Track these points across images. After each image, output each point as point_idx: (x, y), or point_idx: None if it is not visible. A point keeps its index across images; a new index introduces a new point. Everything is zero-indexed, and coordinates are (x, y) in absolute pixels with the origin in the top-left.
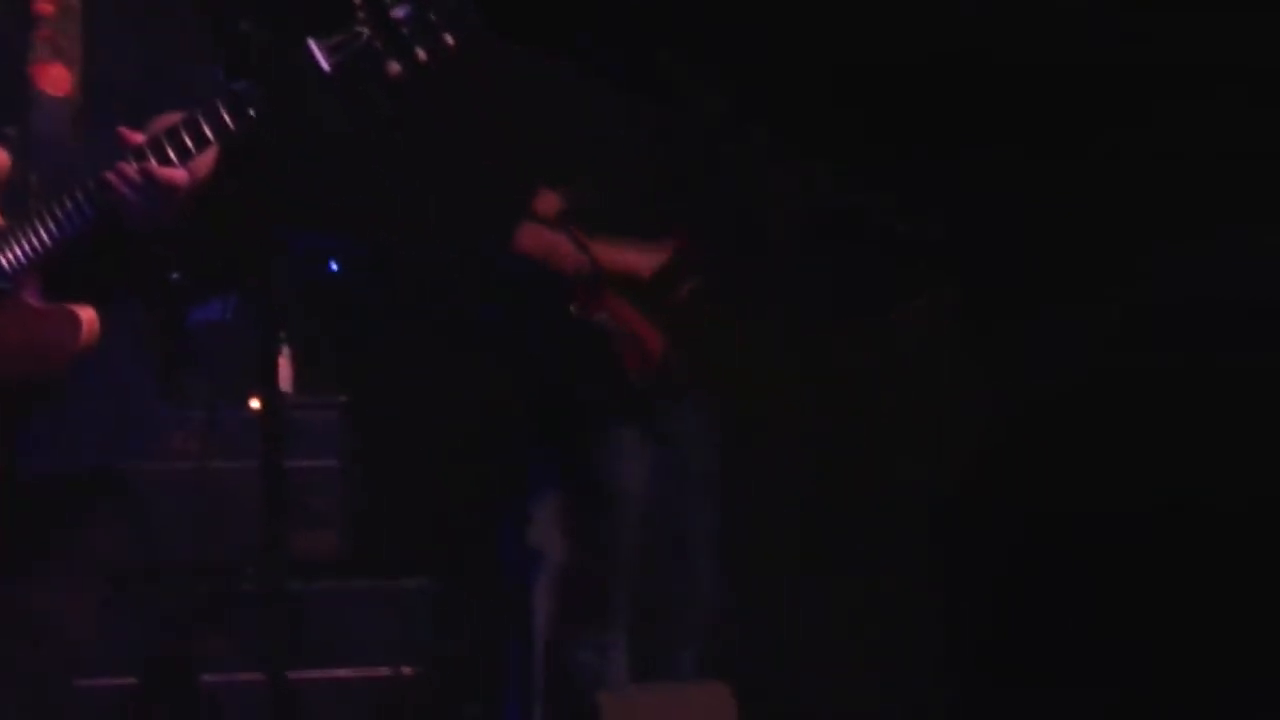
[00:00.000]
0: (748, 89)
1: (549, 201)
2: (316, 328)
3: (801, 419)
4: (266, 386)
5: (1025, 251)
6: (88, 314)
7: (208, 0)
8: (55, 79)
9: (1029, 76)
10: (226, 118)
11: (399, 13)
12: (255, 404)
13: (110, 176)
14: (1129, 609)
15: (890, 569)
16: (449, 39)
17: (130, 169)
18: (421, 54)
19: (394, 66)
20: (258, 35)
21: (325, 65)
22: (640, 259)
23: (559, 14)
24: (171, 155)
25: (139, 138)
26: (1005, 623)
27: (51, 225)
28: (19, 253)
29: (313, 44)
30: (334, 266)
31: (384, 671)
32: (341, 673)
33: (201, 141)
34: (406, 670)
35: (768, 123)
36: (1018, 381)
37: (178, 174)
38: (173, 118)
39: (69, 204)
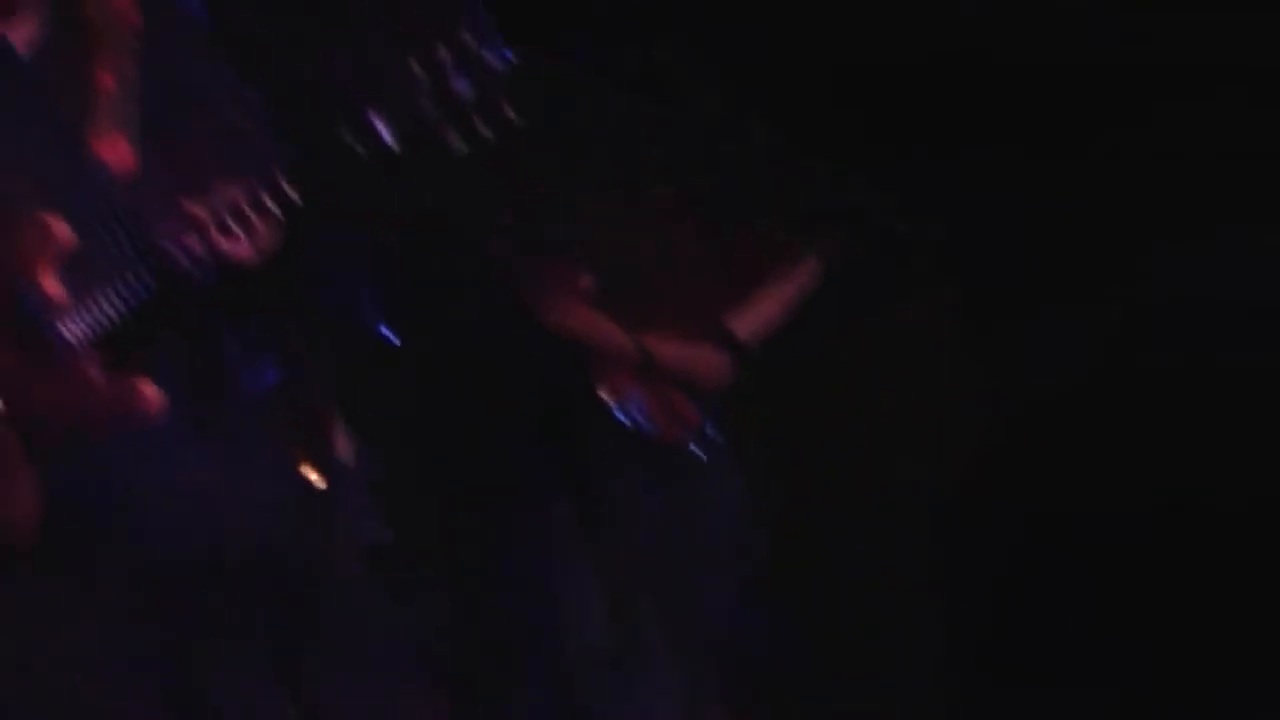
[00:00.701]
0: (748, 89)
1: (587, 280)
2: (369, 395)
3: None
4: (321, 455)
5: (1025, 251)
6: (150, 389)
7: (265, 66)
8: (117, 152)
9: (1029, 76)
10: (289, 190)
11: (461, 86)
12: (313, 476)
13: (173, 250)
14: (1129, 609)
15: (891, 569)
16: (511, 113)
17: (194, 243)
18: (483, 128)
19: (454, 140)
20: (318, 105)
21: (388, 139)
22: (682, 348)
23: (560, 14)
24: (233, 228)
25: (201, 211)
26: (1005, 623)
27: (114, 297)
28: (80, 322)
29: (374, 115)
30: (386, 333)
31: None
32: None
33: (264, 214)
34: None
35: (768, 123)
36: (1018, 381)
37: (241, 248)
38: (231, 187)
39: (130, 276)
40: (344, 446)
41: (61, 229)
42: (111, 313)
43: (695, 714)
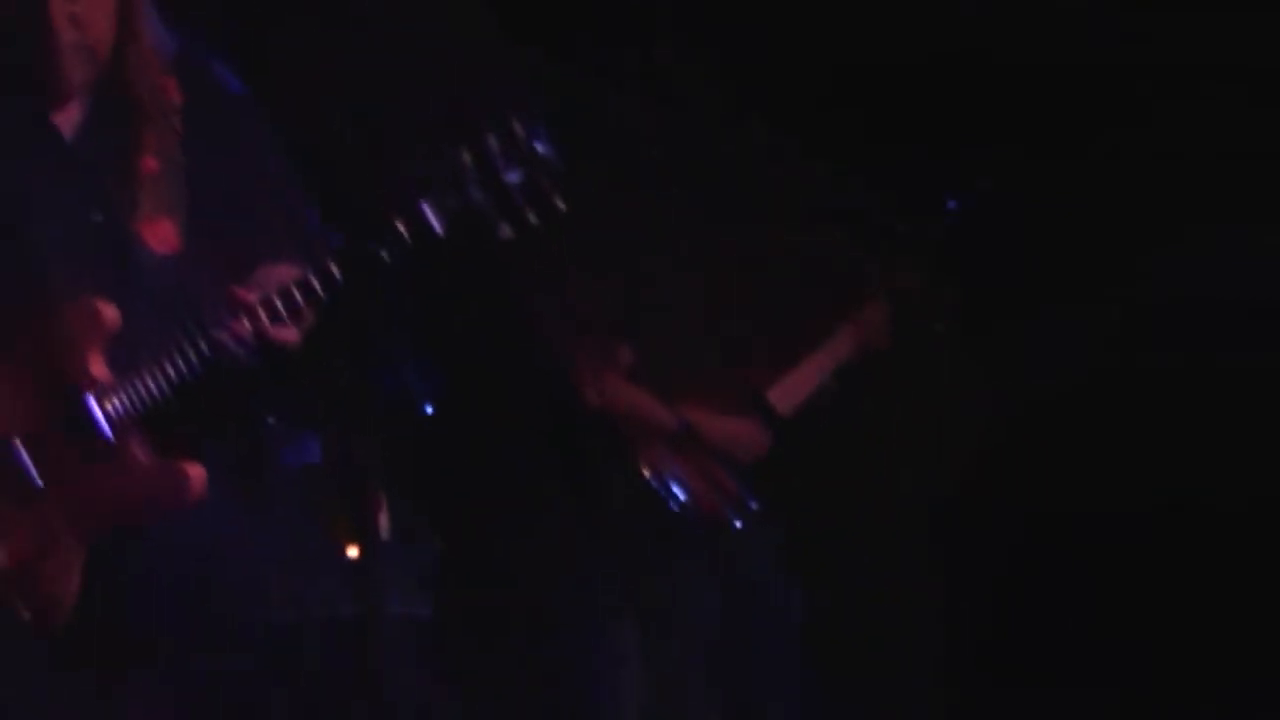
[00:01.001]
0: (748, 89)
1: (626, 355)
2: (410, 470)
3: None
4: (363, 531)
5: (1025, 251)
6: (197, 472)
7: (309, 152)
8: (161, 235)
9: (1029, 76)
10: (340, 277)
11: (512, 177)
12: (353, 551)
13: (222, 335)
14: (1129, 609)
15: (891, 569)
16: (560, 204)
17: (244, 329)
18: (532, 218)
19: (504, 230)
20: (367, 191)
21: (438, 227)
22: (722, 421)
23: (560, 14)
24: (283, 314)
25: (251, 296)
26: (1005, 623)
27: (160, 378)
28: (126, 404)
29: (425, 205)
30: (428, 408)
31: None
32: None
33: (314, 300)
34: None
35: (768, 123)
36: (1018, 381)
37: (290, 334)
38: (280, 273)
39: (177, 358)
40: (385, 522)
41: (109, 312)
42: (157, 393)
43: None
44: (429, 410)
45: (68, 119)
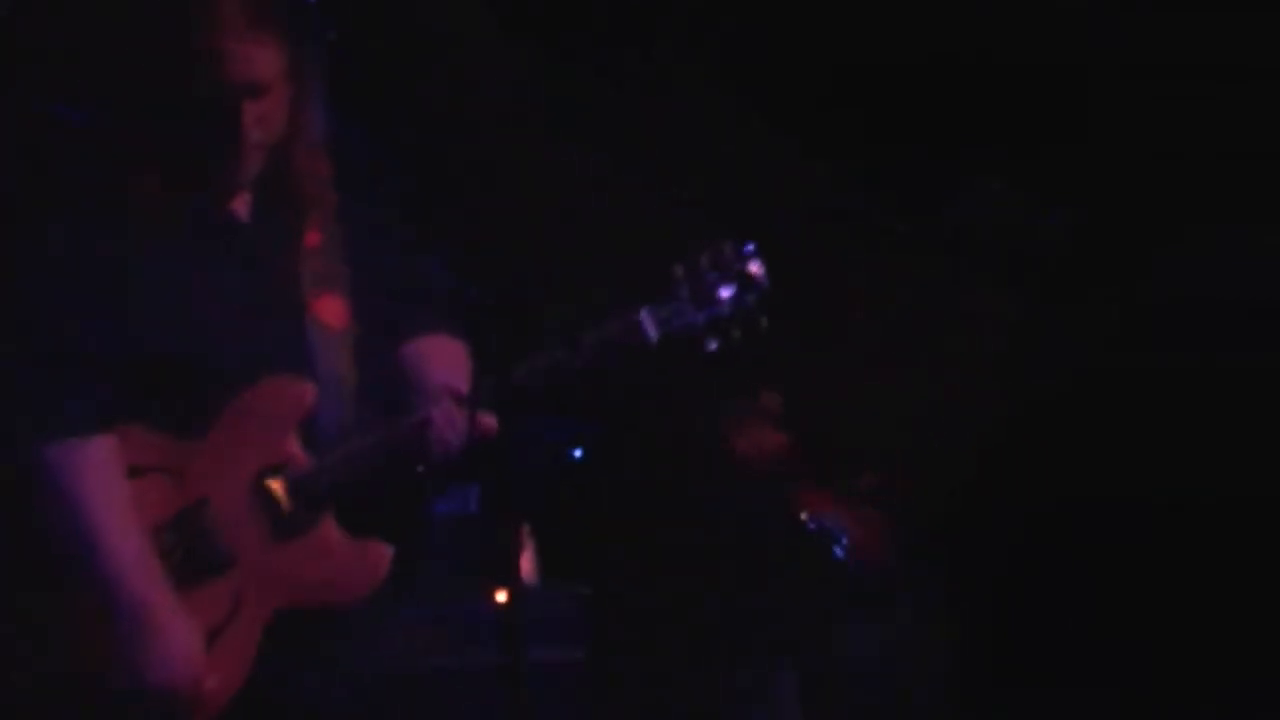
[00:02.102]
0: (748, 89)
1: (773, 400)
2: (559, 516)
3: None
4: (510, 578)
5: (1025, 251)
6: (388, 551)
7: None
8: (332, 311)
9: (1029, 76)
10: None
11: (724, 293)
12: (501, 597)
13: (438, 418)
14: (1129, 609)
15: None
16: (764, 322)
17: (459, 415)
18: (738, 335)
19: (711, 344)
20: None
21: (652, 336)
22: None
23: (561, 14)
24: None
25: (463, 388)
26: (1006, 623)
27: (357, 458)
28: (323, 485)
29: (645, 313)
30: (577, 454)
31: None
32: None
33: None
34: None
35: (768, 123)
36: (1018, 381)
37: (491, 422)
38: (440, 343)
39: (375, 439)
40: (529, 568)
41: (306, 390)
42: (355, 472)
43: None
44: (579, 456)
45: (243, 205)
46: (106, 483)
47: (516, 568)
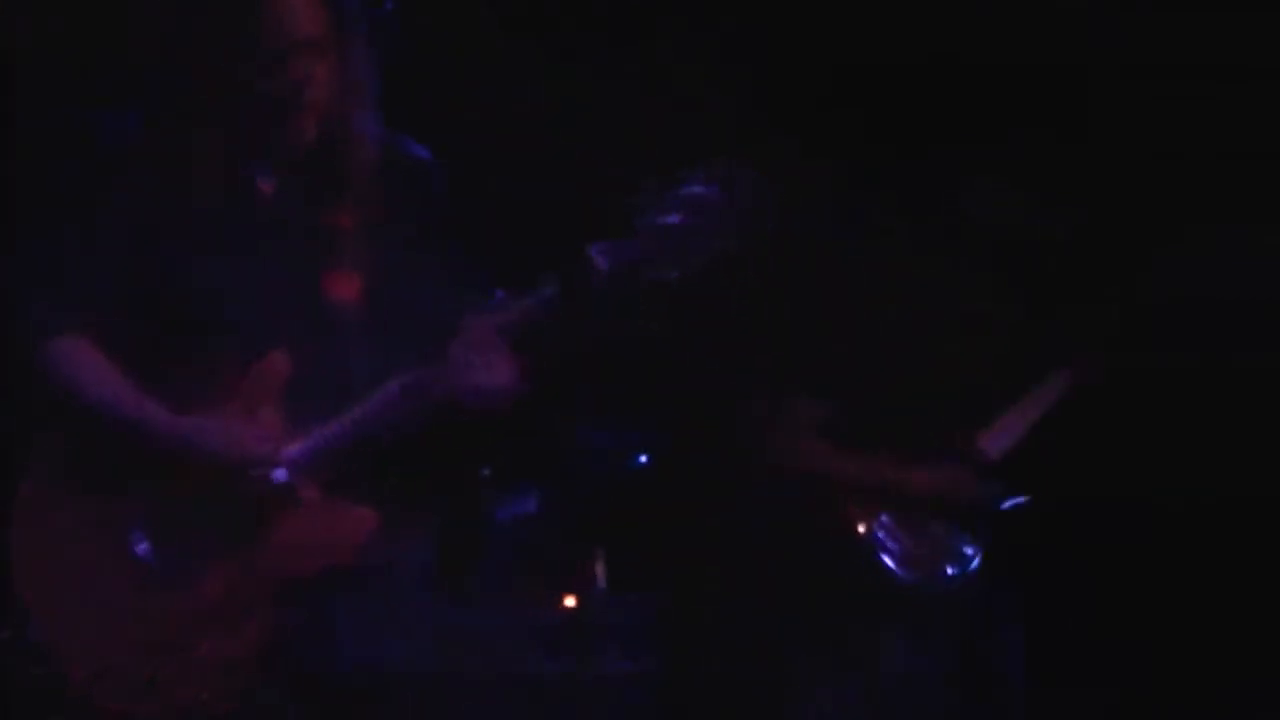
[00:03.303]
0: (748, 89)
1: (812, 409)
2: (625, 522)
3: None
4: (581, 584)
5: (1025, 252)
6: (368, 512)
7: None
8: (346, 285)
9: (1029, 76)
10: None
11: (670, 219)
12: (570, 602)
13: (455, 354)
14: (1129, 609)
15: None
16: (718, 243)
17: (480, 354)
18: (695, 261)
19: (670, 273)
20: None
21: (603, 266)
22: (933, 471)
23: (562, 14)
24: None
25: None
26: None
27: (353, 424)
28: (310, 448)
29: (595, 248)
30: (642, 459)
31: None
32: None
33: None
34: None
35: (767, 123)
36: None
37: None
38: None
39: (376, 402)
40: (601, 575)
41: (281, 361)
42: (349, 438)
43: None
44: (642, 462)
45: (268, 184)
46: (95, 364)
47: (586, 573)
